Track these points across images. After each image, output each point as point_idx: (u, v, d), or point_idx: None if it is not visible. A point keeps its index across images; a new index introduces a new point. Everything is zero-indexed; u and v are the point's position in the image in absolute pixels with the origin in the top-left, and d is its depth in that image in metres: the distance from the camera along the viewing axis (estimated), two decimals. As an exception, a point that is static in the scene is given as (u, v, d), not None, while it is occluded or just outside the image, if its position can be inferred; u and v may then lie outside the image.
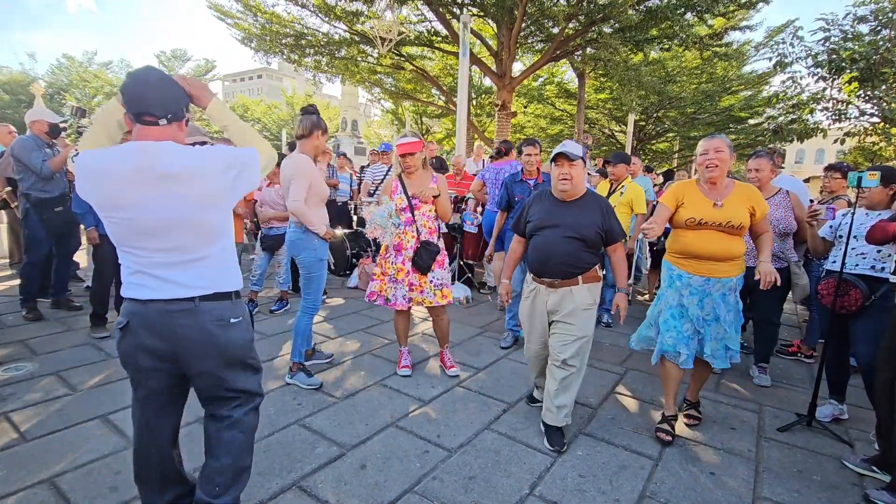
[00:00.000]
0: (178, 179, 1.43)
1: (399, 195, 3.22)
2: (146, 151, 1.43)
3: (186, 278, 1.50)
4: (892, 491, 2.15)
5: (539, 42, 11.89)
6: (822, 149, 39.63)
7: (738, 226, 2.45)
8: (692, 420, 2.82)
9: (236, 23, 11.60)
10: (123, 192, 1.41)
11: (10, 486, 2.00)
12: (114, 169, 1.42)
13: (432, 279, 3.21)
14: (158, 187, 1.42)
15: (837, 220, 3.02)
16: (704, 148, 2.52)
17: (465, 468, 2.28)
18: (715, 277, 2.53)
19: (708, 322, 2.57)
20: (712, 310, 2.56)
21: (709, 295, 2.55)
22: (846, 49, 7.20)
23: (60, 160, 4.08)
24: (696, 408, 2.89)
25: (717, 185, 2.54)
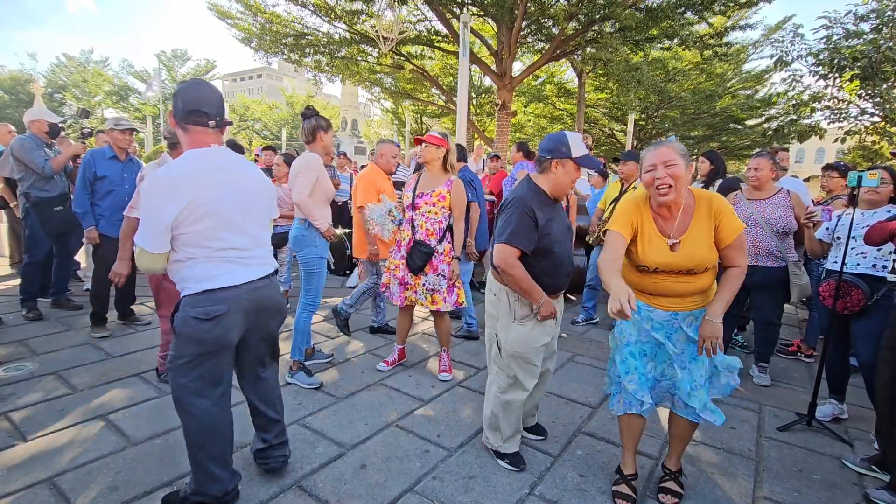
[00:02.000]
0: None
1: (408, 191, 3.25)
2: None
3: (259, 258, 1.87)
4: (892, 490, 2.15)
5: (539, 42, 11.88)
6: (822, 148, 39.64)
7: (701, 270, 1.89)
8: (670, 497, 2.09)
9: (236, 23, 11.60)
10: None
11: (10, 486, 2.00)
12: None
13: (424, 283, 3.17)
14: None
15: (833, 221, 3.02)
16: (651, 162, 1.85)
17: (466, 468, 2.28)
18: (684, 311, 1.96)
19: (683, 363, 1.99)
20: (686, 346, 1.98)
21: (678, 330, 1.99)
22: (848, 47, 7.20)
23: (62, 160, 4.09)
24: (677, 478, 2.16)
25: (672, 211, 1.90)
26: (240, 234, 1.77)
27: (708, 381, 2.01)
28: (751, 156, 3.46)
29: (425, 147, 3.17)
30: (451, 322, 3.46)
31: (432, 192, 3.17)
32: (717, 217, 1.87)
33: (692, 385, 1.96)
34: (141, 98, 27.62)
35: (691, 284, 1.91)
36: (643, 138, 18.63)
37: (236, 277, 1.76)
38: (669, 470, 2.18)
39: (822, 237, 3.07)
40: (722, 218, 1.87)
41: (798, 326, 5.16)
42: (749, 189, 3.44)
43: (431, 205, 3.17)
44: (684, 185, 1.87)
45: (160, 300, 3.01)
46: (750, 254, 3.29)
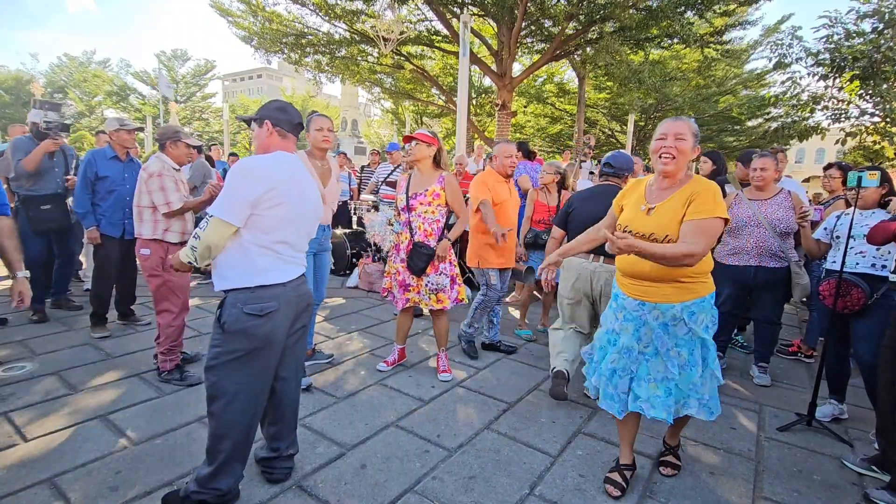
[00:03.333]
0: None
1: (401, 194, 3.22)
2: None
3: (301, 259, 2.01)
4: (892, 490, 2.15)
5: (539, 42, 11.88)
6: (823, 149, 39.66)
7: (661, 240, 1.87)
8: (669, 469, 2.29)
9: (237, 21, 11.60)
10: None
11: (10, 486, 1.99)
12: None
13: (427, 283, 3.17)
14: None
15: (832, 220, 3.02)
16: (662, 131, 1.94)
17: (466, 468, 2.28)
18: (650, 302, 1.96)
19: (645, 356, 2.03)
20: (651, 342, 2.00)
21: (645, 324, 2.00)
22: (848, 47, 7.20)
23: (32, 158, 3.96)
24: (675, 452, 2.34)
25: (671, 180, 1.96)
26: (297, 232, 1.92)
27: (665, 384, 2.01)
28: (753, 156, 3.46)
29: (416, 145, 3.12)
30: (448, 324, 3.45)
31: (426, 192, 3.13)
32: (692, 196, 1.86)
33: (646, 377, 2.02)
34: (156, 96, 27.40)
35: (656, 265, 1.87)
36: (643, 138, 18.64)
37: (285, 275, 1.88)
38: (668, 445, 2.37)
39: (821, 237, 3.07)
40: (696, 198, 1.85)
41: (798, 326, 5.16)
42: (751, 189, 3.44)
43: (427, 204, 3.13)
44: (685, 161, 1.92)
45: (161, 295, 3.01)
46: (753, 254, 3.30)
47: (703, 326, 1.96)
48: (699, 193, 1.86)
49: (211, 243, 1.77)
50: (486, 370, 3.49)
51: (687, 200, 1.87)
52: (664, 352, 1.99)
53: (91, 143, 17.30)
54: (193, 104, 31.67)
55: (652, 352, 2.02)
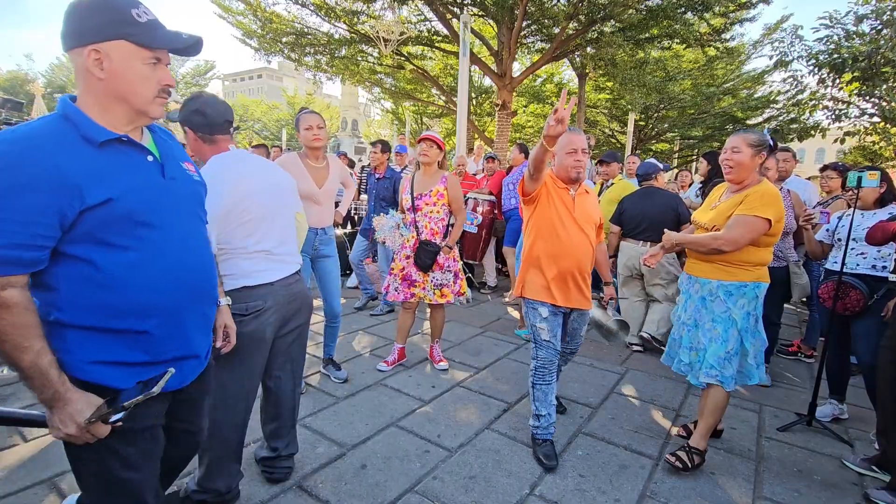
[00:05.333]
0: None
1: (406, 194, 3.25)
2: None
3: (289, 257, 1.96)
4: (892, 490, 2.15)
5: (539, 42, 11.88)
6: (822, 148, 39.63)
7: (710, 229, 2.30)
8: (674, 459, 2.30)
9: (237, 21, 11.59)
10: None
11: (10, 486, 1.99)
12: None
13: (433, 279, 3.27)
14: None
15: (833, 222, 3.02)
16: (725, 146, 2.32)
17: (466, 468, 2.28)
18: (694, 276, 2.39)
19: (688, 327, 2.41)
20: (692, 314, 2.39)
21: (690, 296, 2.42)
22: (848, 47, 7.20)
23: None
24: (691, 451, 2.32)
25: (738, 185, 2.29)
26: (272, 229, 1.88)
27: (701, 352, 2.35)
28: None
29: (430, 146, 3.20)
30: (444, 317, 3.56)
31: (431, 192, 3.22)
32: (745, 197, 2.22)
33: (687, 345, 2.41)
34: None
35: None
36: (643, 138, 18.65)
37: (272, 275, 1.86)
38: (689, 445, 2.37)
39: (823, 238, 3.07)
40: (746, 198, 2.21)
41: (798, 327, 5.16)
42: None
43: (432, 204, 3.23)
44: (744, 169, 2.24)
45: None
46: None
47: (743, 311, 2.25)
48: (749, 195, 2.20)
49: None
50: (486, 370, 3.49)
51: (741, 200, 2.21)
52: (701, 324, 2.34)
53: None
54: (193, 104, 31.64)
55: (693, 323, 2.39)
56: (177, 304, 1.18)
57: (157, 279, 1.13)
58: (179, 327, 1.20)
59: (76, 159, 1.01)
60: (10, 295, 0.98)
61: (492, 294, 5.77)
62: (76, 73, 1.08)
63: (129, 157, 1.11)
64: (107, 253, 1.06)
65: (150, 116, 1.15)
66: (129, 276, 1.09)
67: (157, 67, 1.10)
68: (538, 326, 2.41)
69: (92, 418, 1.04)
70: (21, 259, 0.98)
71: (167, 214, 1.16)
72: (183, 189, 1.24)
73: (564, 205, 2.37)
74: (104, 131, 1.06)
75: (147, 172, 1.14)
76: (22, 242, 0.97)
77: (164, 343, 1.18)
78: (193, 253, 1.24)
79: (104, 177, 1.04)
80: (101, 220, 1.03)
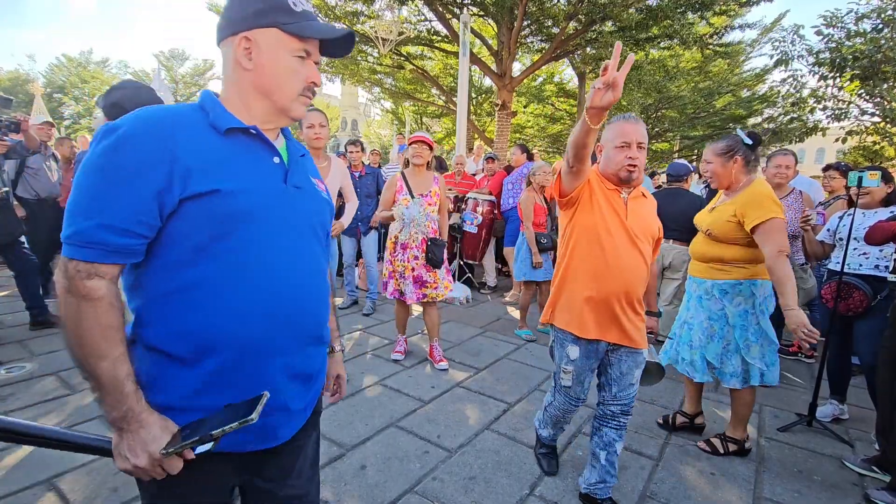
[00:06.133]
0: None
1: (404, 195, 3.27)
2: None
3: None
4: (892, 491, 2.15)
5: (539, 42, 11.88)
6: (823, 148, 39.60)
7: (715, 236, 2.31)
8: (704, 444, 2.54)
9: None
10: None
11: (10, 486, 1.99)
12: None
13: (441, 275, 3.40)
14: None
15: (834, 221, 3.01)
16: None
17: (466, 468, 2.28)
18: (692, 276, 2.48)
19: (689, 325, 2.50)
20: (693, 313, 2.47)
21: (691, 296, 2.51)
22: (849, 46, 7.20)
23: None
24: (728, 439, 2.49)
25: (728, 190, 2.37)
26: None
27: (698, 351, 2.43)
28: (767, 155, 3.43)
29: (422, 147, 3.29)
30: (439, 314, 3.61)
31: (430, 192, 3.33)
32: (738, 204, 2.25)
33: (688, 343, 2.48)
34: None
35: (705, 249, 2.38)
36: (643, 138, 18.60)
37: None
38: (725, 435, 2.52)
39: (824, 238, 3.07)
40: (739, 204, 2.24)
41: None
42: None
43: (433, 204, 3.35)
44: (727, 176, 2.32)
45: None
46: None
47: (739, 308, 2.30)
48: (747, 202, 2.20)
49: None
50: (485, 370, 3.49)
51: (736, 205, 2.25)
52: (698, 322, 2.41)
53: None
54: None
55: (693, 322, 2.45)
56: (262, 338, 0.94)
57: (243, 301, 0.91)
58: (261, 370, 0.95)
59: (194, 141, 0.88)
60: (95, 286, 0.82)
61: (492, 294, 5.76)
62: (223, 67, 1.00)
63: (252, 152, 0.97)
64: (195, 257, 0.88)
65: (291, 116, 1.02)
66: (214, 290, 0.89)
67: (306, 63, 1.00)
68: (563, 368, 1.95)
69: (169, 449, 0.83)
70: (109, 243, 0.82)
71: (278, 226, 0.96)
72: (306, 203, 1.04)
73: (614, 210, 1.86)
74: (232, 119, 0.94)
75: (268, 173, 0.98)
76: (115, 224, 0.82)
77: (234, 387, 0.92)
78: (301, 277, 1.00)
79: (218, 165, 0.89)
80: (200, 213, 0.87)
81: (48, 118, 5.55)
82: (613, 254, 1.83)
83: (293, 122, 1.06)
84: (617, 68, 1.34)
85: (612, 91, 1.36)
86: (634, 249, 1.86)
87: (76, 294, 0.82)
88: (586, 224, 1.87)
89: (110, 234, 0.82)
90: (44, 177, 4.46)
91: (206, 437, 0.81)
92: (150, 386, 0.89)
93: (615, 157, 1.84)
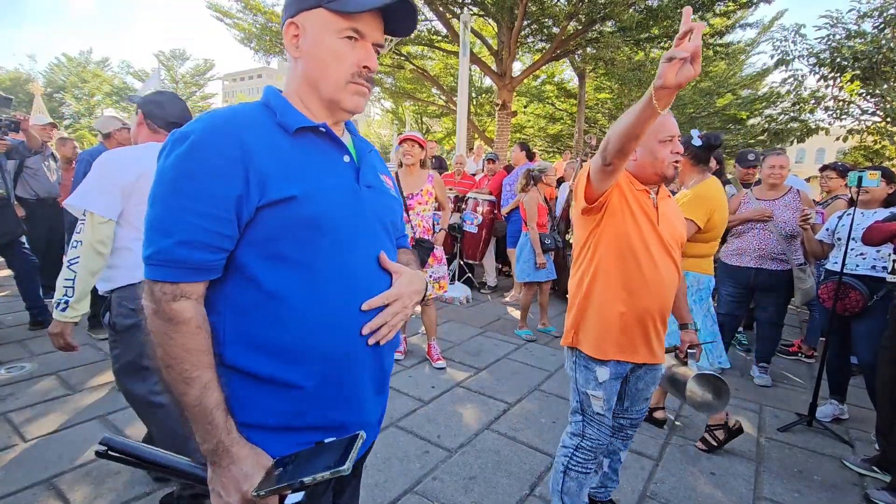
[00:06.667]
0: None
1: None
2: None
3: None
4: (892, 491, 2.15)
5: (539, 41, 11.88)
6: (823, 148, 39.60)
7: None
8: (700, 443, 2.59)
9: (236, 23, 11.60)
10: None
11: (9, 487, 1.99)
12: None
13: (431, 274, 3.39)
14: None
15: (833, 221, 3.00)
16: None
17: (466, 468, 2.28)
18: None
19: None
20: None
21: None
22: (849, 47, 7.20)
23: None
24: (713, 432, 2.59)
25: (682, 184, 2.66)
26: None
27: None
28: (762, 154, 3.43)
29: (412, 146, 3.31)
30: (436, 313, 3.63)
31: (421, 191, 3.34)
32: (682, 196, 2.52)
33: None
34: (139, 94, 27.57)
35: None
36: (643, 138, 18.60)
37: None
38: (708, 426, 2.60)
39: (823, 238, 3.06)
40: (683, 198, 2.49)
41: (799, 327, 5.16)
42: (761, 188, 3.34)
43: (424, 203, 3.35)
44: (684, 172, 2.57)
45: None
46: (754, 256, 3.24)
47: (691, 298, 2.49)
48: (688, 199, 2.42)
49: (94, 242, 1.64)
50: (485, 370, 3.49)
51: (681, 199, 2.44)
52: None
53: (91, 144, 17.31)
54: (193, 104, 31.69)
55: None
56: (350, 349, 0.88)
57: (327, 312, 0.85)
58: (349, 382, 0.90)
59: (267, 145, 0.82)
60: (181, 308, 0.78)
61: (492, 294, 5.76)
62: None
63: (324, 152, 0.90)
64: (274, 267, 0.82)
65: (343, 108, 0.91)
66: (294, 303, 0.83)
67: (356, 45, 0.88)
68: (592, 395, 1.69)
69: (262, 490, 0.77)
70: (193, 261, 0.78)
71: (356, 229, 0.90)
72: (378, 202, 0.98)
73: (646, 215, 1.64)
74: (301, 118, 0.87)
75: (341, 174, 0.91)
76: (196, 239, 0.77)
77: (323, 403, 0.87)
78: (380, 282, 0.93)
79: (293, 169, 0.83)
80: (278, 221, 0.81)
81: (48, 118, 5.52)
82: (650, 266, 1.61)
83: (349, 116, 0.96)
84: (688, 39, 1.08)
85: (693, 63, 1.09)
86: (669, 259, 1.67)
87: (164, 317, 0.78)
88: (618, 232, 1.61)
89: (193, 251, 0.78)
90: (43, 177, 4.45)
91: (297, 486, 0.76)
92: (238, 407, 0.83)
93: (659, 152, 1.64)
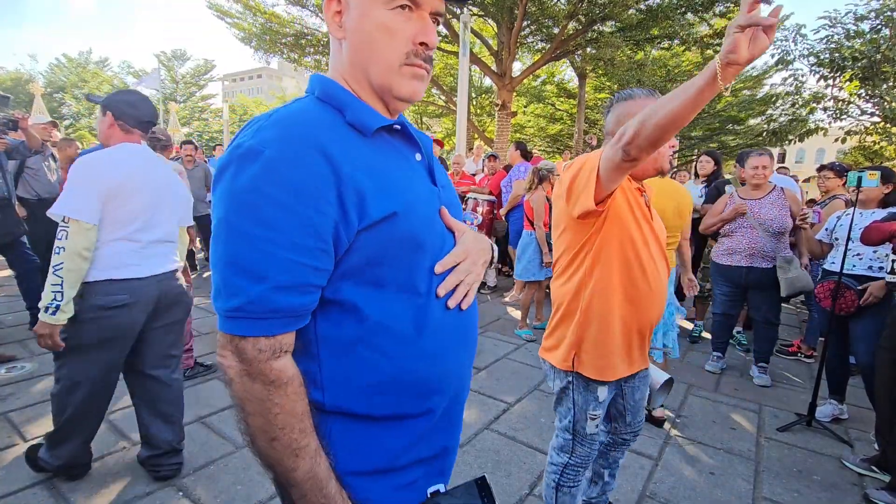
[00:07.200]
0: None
1: None
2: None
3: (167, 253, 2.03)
4: (891, 491, 2.15)
5: (539, 42, 11.88)
6: (823, 148, 39.60)
7: None
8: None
9: (236, 22, 11.60)
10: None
11: (9, 486, 2.00)
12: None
13: None
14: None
15: (832, 221, 3.01)
16: None
17: (465, 468, 2.28)
18: None
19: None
20: None
21: None
22: (848, 47, 7.21)
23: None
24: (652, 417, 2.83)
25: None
26: (156, 224, 1.94)
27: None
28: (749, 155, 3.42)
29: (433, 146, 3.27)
30: None
31: None
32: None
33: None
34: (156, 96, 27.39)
35: None
36: (643, 138, 18.58)
37: (142, 270, 1.90)
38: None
39: (822, 238, 3.07)
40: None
41: (798, 327, 5.16)
42: (746, 189, 3.40)
43: None
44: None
45: None
46: (745, 255, 3.28)
47: None
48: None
49: (80, 249, 1.70)
50: (485, 370, 3.49)
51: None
52: None
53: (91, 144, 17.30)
54: (193, 104, 31.67)
55: None
56: (456, 377, 0.81)
57: (432, 338, 0.75)
58: (458, 411, 0.83)
59: (350, 154, 0.67)
60: (283, 366, 0.66)
61: (492, 294, 5.76)
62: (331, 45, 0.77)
63: (402, 154, 0.77)
64: (376, 295, 0.70)
65: (395, 95, 0.74)
66: (398, 333, 0.72)
67: (411, 16, 0.71)
68: (590, 415, 1.56)
69: None
70: (295, 307, 0.65)
71: (443, 240, 0.78)
72: (451, 204, 0.85)
73: (643, 214, 1.49)
74: (378, 116, 0.73)
75: (420, 177, 0.78)
76: (296, 280, 0.63)
77: (442, 426, 0.80)
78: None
79: (385, 180, 0.69)
80: (377, 244, 0.68)
81: (49, 118, 5.51)
82: (653, 273, 1.46)
83: (405, 106, 0.79)
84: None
85: (769, 32, 0.87)
86: (664, 261, 1.53)
87: (264, 381, 0.64)
88: (622, 237, 1.43)
89: (295, 295, 0.64)
90: (43, 177, 4.45)
91: None
92: (345, 454, 0.73)
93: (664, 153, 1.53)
